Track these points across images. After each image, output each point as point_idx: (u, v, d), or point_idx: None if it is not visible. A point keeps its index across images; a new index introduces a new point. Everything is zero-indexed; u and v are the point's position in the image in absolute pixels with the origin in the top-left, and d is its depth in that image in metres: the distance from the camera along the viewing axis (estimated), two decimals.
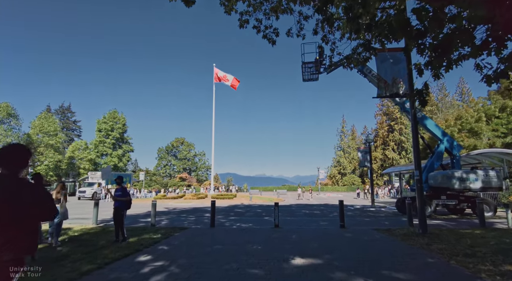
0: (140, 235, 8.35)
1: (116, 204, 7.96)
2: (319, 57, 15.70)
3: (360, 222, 12.11)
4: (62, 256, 5.99)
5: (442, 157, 14.57)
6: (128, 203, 8.17)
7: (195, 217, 14.11)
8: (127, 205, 8.13)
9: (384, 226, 10.68)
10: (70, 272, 4.87)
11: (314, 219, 13.21)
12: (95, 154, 59.63)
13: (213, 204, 10.45)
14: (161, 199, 30.53)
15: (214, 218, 10.33)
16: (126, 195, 8.15)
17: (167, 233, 8.80)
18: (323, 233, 8.73)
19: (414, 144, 8.38)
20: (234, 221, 12.18)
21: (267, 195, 41.76)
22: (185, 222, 12.05)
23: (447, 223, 11.27)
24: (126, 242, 7.46)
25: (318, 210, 18.79)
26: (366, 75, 15.98)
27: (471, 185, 13.21)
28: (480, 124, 27.59)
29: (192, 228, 9.92)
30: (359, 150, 23.05)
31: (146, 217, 13.97)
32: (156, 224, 11.22)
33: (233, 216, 14.77)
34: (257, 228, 10.02)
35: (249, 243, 7.27)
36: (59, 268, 5.13)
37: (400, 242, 7.18)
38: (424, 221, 8.03)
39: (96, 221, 10.74)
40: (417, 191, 8.26)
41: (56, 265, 5.33)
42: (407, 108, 15.24)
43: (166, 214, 16.18)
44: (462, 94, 64.17)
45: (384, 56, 8.59)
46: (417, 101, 7.33)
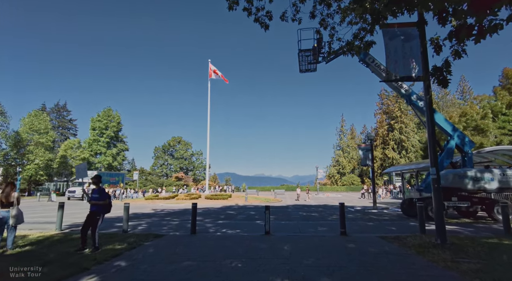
0: (103, 244, 6.96)
1: (92, 208, 6.78)
2: (317, 45, 14.37)
3: (363, 227, 10.75)
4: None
5: (452, 155, 13.22)
6: (106, 207, 6.94)
7: (179, 221, 12.72)
8: (105, 209, 6.91)
9: (391, 232, 9.32)
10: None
11: (311, 223, 11.84)
12: (88, 153, 58.12)
13: (195, 207, 9.06)
14: (152, 199, 29.14)
15: (195, 223, 8.94)
16: (104, 197, 6.88)
17: (136, 242, 7.41)
18: (321, 243, 7.35)
19: (430, 136, 7.02)
20: (221, 226, 10.80)
21: (264, 195, 40.39)
22: (164, 227, 10.65)
23: (462, 228, 9.91)
24: (95, 253, 6.24)
25: (316, 212, 17.43)
26: (368, 65, 14.64)
27: (486, 186, 11.87)
28: (487, 121, 26.27)
29: (168, 236, 8.53)
30: (360, 148, 21.70)
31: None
32: (131, 230, 9.85)
33: (222, 219, 13.39)
34: (244, 235, 8.64)
35: (229, 257, 5.88)
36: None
37: (417, 256, 5.81)
38: (443, 228, 6.66)
39: (60, 227, 9.32)
40: (434, 193, 6.90)
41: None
42: (414, 100, 13.92)
43: (151, 216, 14.79)
44: (463, 93, 63.03)
45: (393, 33, 7.24)
46: (435, 82, 5.94)
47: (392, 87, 14.43)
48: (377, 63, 14.34)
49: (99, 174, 7.84)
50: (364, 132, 73.33)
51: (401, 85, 14.03)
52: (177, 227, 10.57)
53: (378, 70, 14.34)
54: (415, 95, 13.97)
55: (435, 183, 6.79)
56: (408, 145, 58.99)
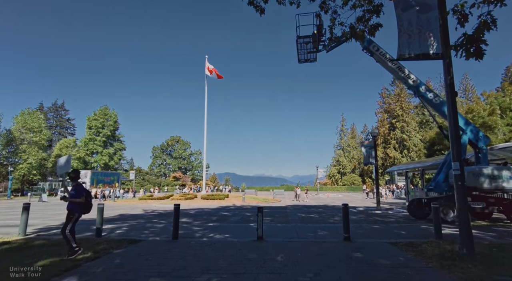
0: (62, 253, 5.82)
1: (68, 206, 5.96)
2: (317, 31, 13.23)
3: (369, 231, 9.61)
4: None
5: (465, 151, 12.08)
6: (83, 206, 6.02)
7: (166, 223, 11.58)
8: (80, 208, 5.99)
9: (401, 237, 8.18)
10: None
11: (311, 226, 10.70)
12: (84, 152, 57.07)
13: (177, 209, 7.92)
14: (145, 199, 28.03)
15: (177, 227, 7.80)
16: (80, 194, 5.98)
17: (104, 250, 6.28)
18: (321, 252, 6.22)
19: (452, 125, 5.87)
20: (210, 230, 9.67)
21: (262, 196, 39.23)
22: (146, 231, 9.52)
23: (482, 233, 8.76)
24: (71, 258, 5.58)
25: (316, 212, 16.29)
26: (373, 54, 13.50)
27: (504, 185, 10.73)
28: (494, 118, 25.09)
29: (145, 242, 7.40)
30: (363, 145, 20.54)
31: (108, 222, 11.45)
32: (108, 234, 8.72)
33: (214, 221, 12.25)
34: (233, 241, 7.50)
35: (208, 271, 4.75)
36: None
37: (440, 271, 4.67)
38: (469, 235, 5.53)
39: (23, 232, 8.17)
40: (458, 192, 5.75)
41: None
42: (422, 91, 12.78)
43: (137, 218, 13.66)
44: (465, 91, 61.95)
45: (406, 3, 6.13)
46: (463, 55, 4.82)
47: (398, 77, 13.29)
48: (382, 51, 13.21)
49: (77, 169, 6.85)
50: (365, 131, 72.17)
51: (409, 75, 12.91)
52: (161, 231, 9.44)
53: (383, 59, 13.21)
54: (424, 86, 12.85)
55: (458, 180, 5.65)
56: (410, 144, 57.82)
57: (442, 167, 12.76)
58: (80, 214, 6.06)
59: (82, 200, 5.96)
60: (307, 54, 13.90)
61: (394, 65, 13.08)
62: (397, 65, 13.07)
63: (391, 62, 13.06)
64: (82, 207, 6.05)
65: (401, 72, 13.04)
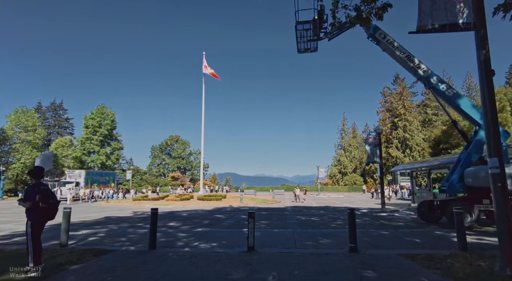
0: (5, 271, 4.67)
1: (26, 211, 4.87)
2: (318, 17, 12.07)
3: (377, 238, 8.46)
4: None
5: (482, 148, 10.92)
6: (34, 213, 4.83)
7: None
8: (33, 215, 4.84)
9: (416, 247, 7.04)
10: None
11: (311, 232, 9.54)
12: (81, 152, 56.01)
13: (155, 214, 6.78)
14: (139, 200, 26.89)
15: (154, 235, 6.66)
16: (27, 198, 4.80)
17: (59, 266, 5.13)
18: (323, 268, 5.07)
19: (488, 112, 4.71)
20: (196, 237, 8.52)
21: (262, 196, 38.02)
22: (124, 238, 8.37)
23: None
24: None
25: (317, 215, 15.13)
26: (379, 42, 12.32)
27: None
28: (504, 115, 23.89)
29: (116, 253, 6.24)
30: (367, 142, 19.35)
31: (86, 227, 10.32)
32: (78, 242, 7.60)
33: (204, 226, 11.09)
34: (219, 252, 6.34)
35: None
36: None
37: None
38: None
39: None
40: (496, 195, 4.58)
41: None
42: (434, 83, 11.61)
43: (122, 221, 12.52)
44: (469, 89, 60.76)
45: None
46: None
47: (407, 67, 12.12)
48: (390, 39, 12.05)
49: (39, 166, 5.59)
50: (366, 130, 70.91)
51: (419, 65, 11.75)
52: (140, 238, 8.29)
53: (391, 47, 12.05)
54: (436, 76, 11.69)
55: (497, 181, 4.47)
56: (412, 143, 56.58)
57: (456, 166, 11.61)
58: (34, 221, 4.90)
59: (28, 205, 4.79)
60: (307, 43, 12.74)
61: (403, 54, 11.93)
62: (406, 54, 11.92)
63: (399, 51, 11.91)
64: (34, 213, 4.89)
65: (410, 61, 11.89)
